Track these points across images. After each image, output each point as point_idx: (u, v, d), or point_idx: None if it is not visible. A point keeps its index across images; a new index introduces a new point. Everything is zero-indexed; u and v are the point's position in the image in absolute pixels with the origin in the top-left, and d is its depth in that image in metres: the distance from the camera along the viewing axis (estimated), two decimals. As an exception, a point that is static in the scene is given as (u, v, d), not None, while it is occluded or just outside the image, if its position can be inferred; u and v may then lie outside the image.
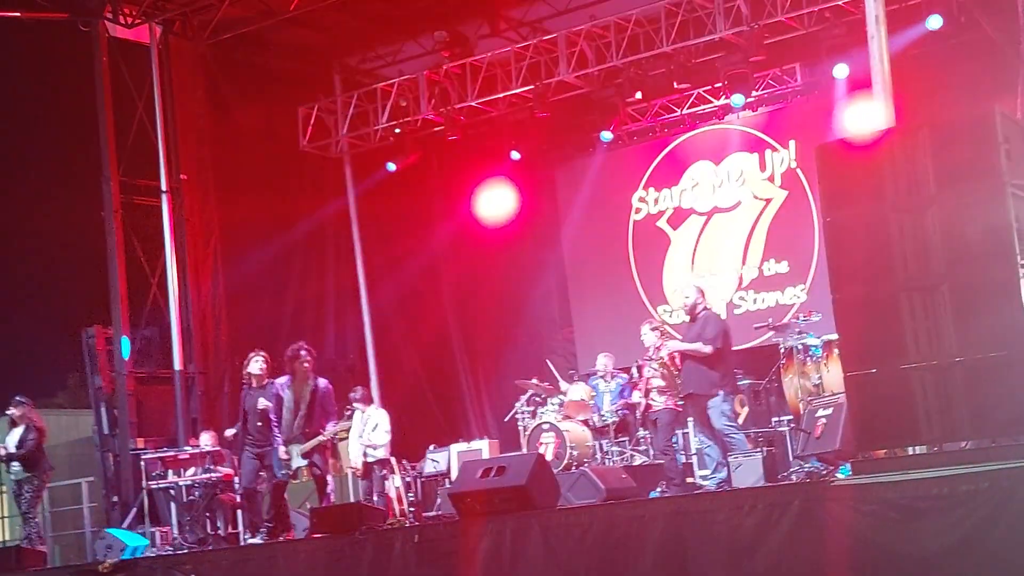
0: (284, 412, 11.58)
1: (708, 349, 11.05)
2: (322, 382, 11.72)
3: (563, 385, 14.18)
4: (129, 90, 16.07)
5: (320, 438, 11.53)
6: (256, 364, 11.90)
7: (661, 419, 12.21)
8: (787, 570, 7.70)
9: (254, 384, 11.86)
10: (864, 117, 13.45)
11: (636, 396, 13.07)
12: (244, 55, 16.79)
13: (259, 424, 11.72)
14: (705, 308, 11.51)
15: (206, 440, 14.22)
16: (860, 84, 13.68)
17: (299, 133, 17.16)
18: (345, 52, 17.39)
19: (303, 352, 11.70)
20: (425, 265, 18.00)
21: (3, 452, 13.00)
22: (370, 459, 13.93)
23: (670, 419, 12.16)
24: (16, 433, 13.02)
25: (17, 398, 13.23)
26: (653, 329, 12.43)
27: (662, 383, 12.04)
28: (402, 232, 17.61)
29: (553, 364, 17.09)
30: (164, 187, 16.07)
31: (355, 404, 13.96)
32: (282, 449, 11.52)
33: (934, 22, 13.75)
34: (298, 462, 11.53)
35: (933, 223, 7.63)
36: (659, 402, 12.16)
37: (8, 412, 13.30)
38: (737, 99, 15.46)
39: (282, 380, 11.75)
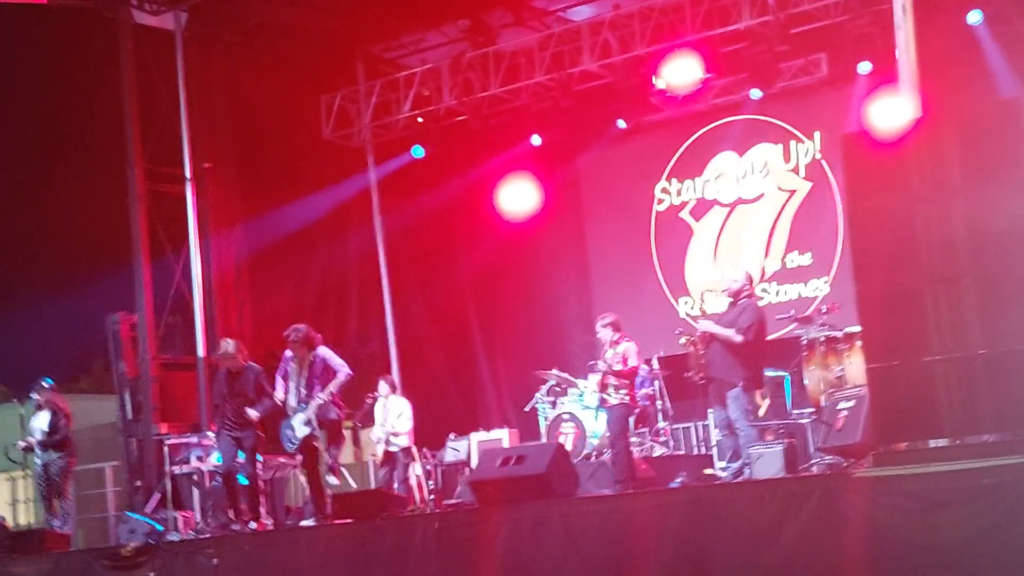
0: (289, 385, 11.63)
1: (739, 338, 10.93)
2: (321, 351, 11.67)
3: (580, 384, 14.11)
4: (153, 77, 16.12)
5: (314, 403, 11.49)
6: (230, 350, 11.86)
7: (611, 414, 11.91)
8: (806, 561, 7.69)
9: (231, 369, 11.82)
10: (890, 108, 13.37)
11: (592, 395, 12.82)
12: (267, 43, 16.81)
13: (236, 408, 11.70)
14: (749, 295, 11.32)
15: None
16: (886, 75, 13.60)
17: (322, 122, 17.20)
18: (368, 41, 17.37)
19: (289, 333, 11.69)
20: (446, 254, 18.01)
21: (34, 441, 13.10)
22: (392, 448, 13.96)
23: (623, 414, 11.91)
24: (43, 417, 13.12)
25: (42, 383, 13.31)
26: (605, 326, 12.11)
27: (615, 382, 11.80)
28: (424, 221, 17.61)
29: (573, 355, 17.13)
30: (188, 175, 16.12)
31: (381, 387, 14.02)
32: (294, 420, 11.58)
33: (974, 16, 13.69)
34: (302, 431, 11.52)
35: (958, 215, 7.60)
36: (613, 397, 11.85)
37: (33, 396, 13.39)
38: (755, 92, 15.38)
39: (288, 354, 11.79)
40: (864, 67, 14.77)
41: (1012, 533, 6.94)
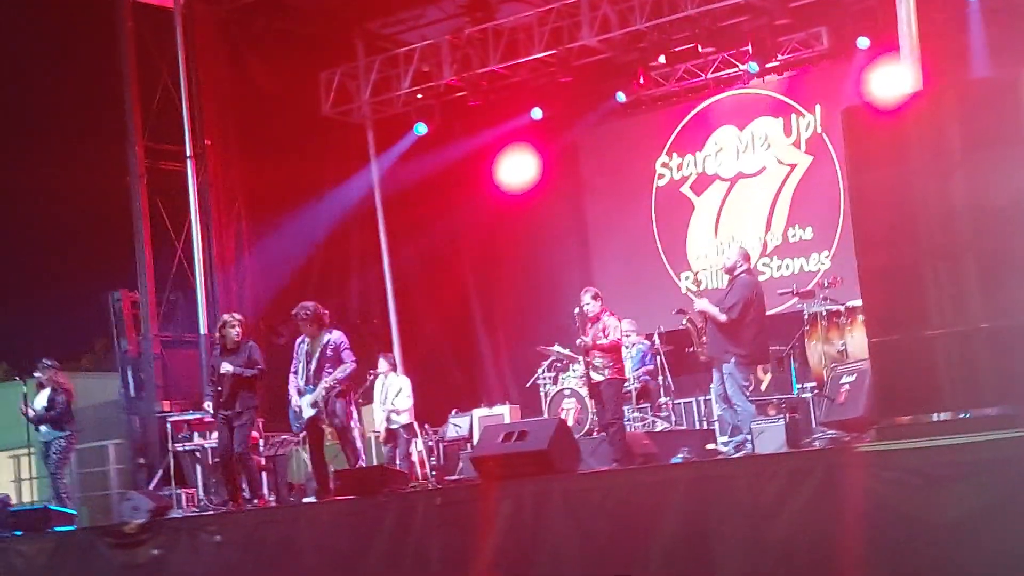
0: (298, 366, 11.64)
1: (722, 317, 10.93)
2: (335, 334, 11.65)
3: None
4: (153, 55, 16.10)
5: (323, 384, 11.49)
6: (232, 327, 11.79)
7: (605, 390, 11.78)
8: (808, 535, 7.69)
9: (227, 347, 11.78)
10: (891, 81, 13.34)
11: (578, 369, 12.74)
12: (267, 20, 16.79)
13: (223, 388, 11.63)
14: (746, 272, 11.27)
15: None
16: (887, 48, 13.56)
17: (321, 98, 17.17)
18: (367, 17, 17.33)
19: (297, 311, 11.68)
20: (447, 230, 18.01)
21: (32, 413, 13.13)
22: (393, 425, 14.00)
23: (615, 390, 11.83)
24: (44, 395, 13.15)
25: (44, 361, 13.34)
26: (594, 297, 12.04)
27: (602, 357, 11.73)
28: (424, 197, 17.60)
29: (574, 330, 17.10)
30: (189, 152, 16.12)
31: (381, 365, 14.06)
32: (294, 400, 11.57)
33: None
34: (308, 412, 11.52)
35: (959, 188, 7.56)
36: (604, 371, 11.78)
37: (35, 375, 13.42)
38: (752, 66, 15.32)
39: (301, 337, 11.80)
40: (863, 42, 14.71)
41: (1014, 507, 6.95)
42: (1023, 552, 6.92)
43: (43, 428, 13.12)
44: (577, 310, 12.05)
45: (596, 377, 11.78)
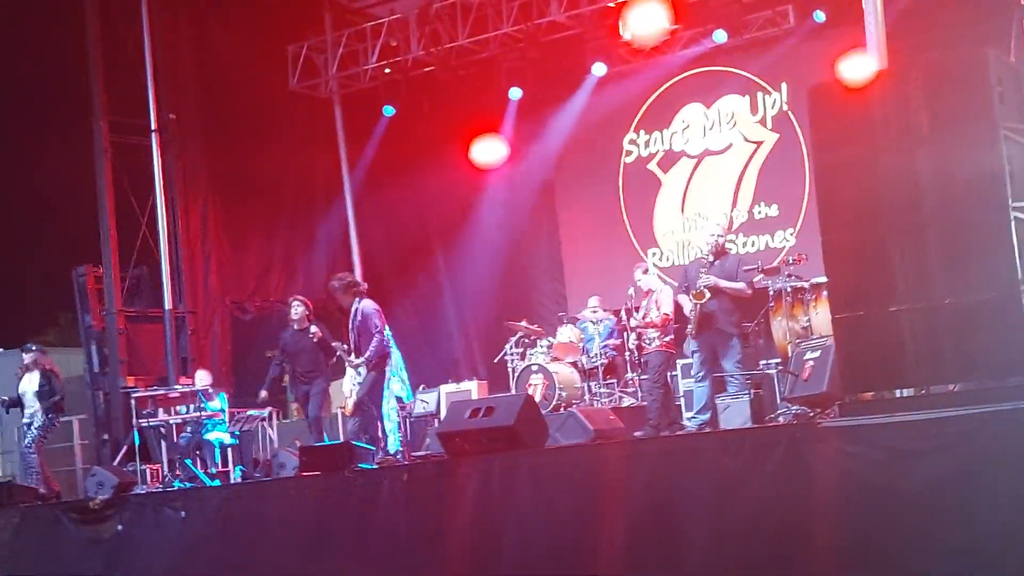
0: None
1: (749, 291, 11.15)
2: (365, 305, 11.81)
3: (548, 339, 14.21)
4: (118, 28, 15.95)
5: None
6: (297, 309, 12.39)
7: (652, 360, 12.13)
8: (773, 510, 7.77)
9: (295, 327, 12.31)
10: (857, 60, 13.38)
11: (632, 339, 13.02)
12: (233, -8, 16.66)
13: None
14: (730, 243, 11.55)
15: (203, 378, 14.26)
16: (853, 26, 13.59)
17: (288, 72, 17.06)
18: (335, -10, 17.24)
19: (333, 281, 12.11)
20: (415, 206, 17.96)
21: (7, 399, 13.07)
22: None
23: (662, 360, 12.09)
24: (34, 379, 13.06)
25: (29, 345, 13.35)
26: (645, 272, 12.35)
27: (658, 322, 11.96)
28: (392, 174, 17.53)
29: (543, 306, 17.16)
30: (153, 126, 15.99)
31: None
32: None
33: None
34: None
35: (925, 166, 7.60)
36: (654, 342, 12.06)
37: (23, 358, 13.35)
38: (719, 35, 15.30)
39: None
40: (819, 16, 14.75)
41: (977, 481, 7.03)
42: (984, 524, 7.02)
43: (32, 409, 13.06)
44: (631, 290, 12.40)
45: (646, 346, 12.17)
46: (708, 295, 11.13)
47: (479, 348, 17.51)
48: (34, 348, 13.30)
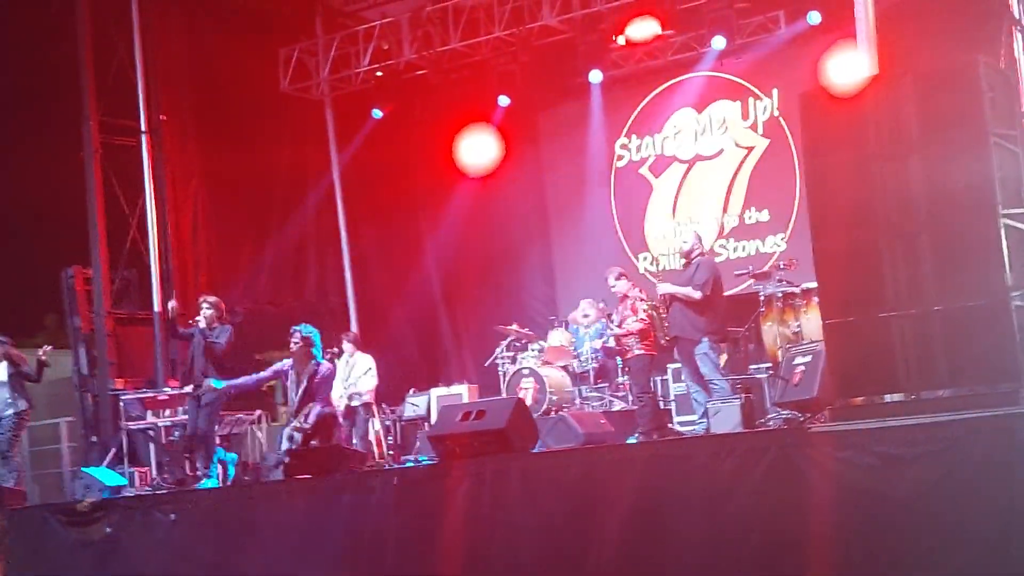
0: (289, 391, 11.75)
1: (697, 294, 11.15)
2: (324, 368, 11.75)
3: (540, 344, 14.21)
4: (109, 29, 15.90)
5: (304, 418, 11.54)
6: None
7: (634, 365, 12.09)
8: (762, 514, 7.77)
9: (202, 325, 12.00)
10: (848, 65, 13.40)
11: (611, 342, 13.04)
12: (226, -6, 16.64)
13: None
14: (701, 254, 11.59)
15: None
16: (844, 32, 13.61)
17: (280, 75, 17.04)
18: (327, -7, 17.22)
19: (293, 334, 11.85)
20: (406, 209, 17.96)
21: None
22: (354, 403, 13.98)
23: (644, 364, 12.04)
24: (2, 368, 12.97)
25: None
26: (618, 277, 12.23)
27: (637, 327, 11.93)
28: (384, 177, 17.53)
29: (534, 310, 17.15)
30: (143, 127, 15.94)
31: (345, 345, 14.05)
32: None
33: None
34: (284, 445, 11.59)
35: (916, 172, 7.63)
36: (634, 348, 12.02)
37: None
38: (718, 41, 15.32)
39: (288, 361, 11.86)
40: (814, 17, 14.77)
41: (967, 486, 7.04)
42: (974, 529, 7.03)
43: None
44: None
45: (628, 351, 12.13)
46: (645, 307, 11.56)
47: (470, 351, 17.51)
48: (2, 339, 13.18)
